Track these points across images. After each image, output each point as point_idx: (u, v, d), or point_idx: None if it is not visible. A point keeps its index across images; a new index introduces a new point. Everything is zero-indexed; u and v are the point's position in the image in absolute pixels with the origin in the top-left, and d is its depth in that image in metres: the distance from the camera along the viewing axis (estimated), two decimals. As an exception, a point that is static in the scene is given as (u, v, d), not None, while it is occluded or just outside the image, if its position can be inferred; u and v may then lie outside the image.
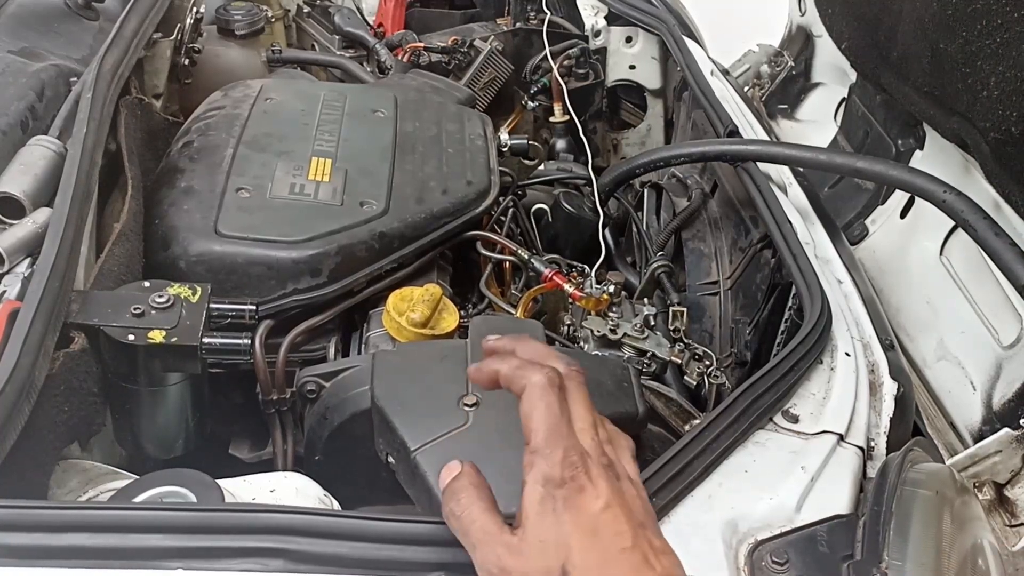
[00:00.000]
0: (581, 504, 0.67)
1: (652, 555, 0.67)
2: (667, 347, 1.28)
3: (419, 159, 1.42)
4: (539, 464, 0.69)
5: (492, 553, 0.68)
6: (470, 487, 0.73)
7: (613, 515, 0.68)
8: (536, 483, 0.69)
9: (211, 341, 1.09)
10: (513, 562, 0.67)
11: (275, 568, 0.75)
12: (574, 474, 0.68)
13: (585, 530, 0.66)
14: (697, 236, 1.61)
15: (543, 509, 0.68)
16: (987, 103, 1.31)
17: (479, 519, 0.70)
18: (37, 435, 0.90)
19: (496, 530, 0.69)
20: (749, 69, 2.29)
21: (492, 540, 0.69)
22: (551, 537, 0.67)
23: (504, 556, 0.68)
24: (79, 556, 0.74)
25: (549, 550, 0.66)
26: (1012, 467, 1.14)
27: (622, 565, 0.66)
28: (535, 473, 0.69)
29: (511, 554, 0.67)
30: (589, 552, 0.66)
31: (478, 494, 0.72)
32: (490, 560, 0.68)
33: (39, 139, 1.17)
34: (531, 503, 0.68)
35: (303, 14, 2.22)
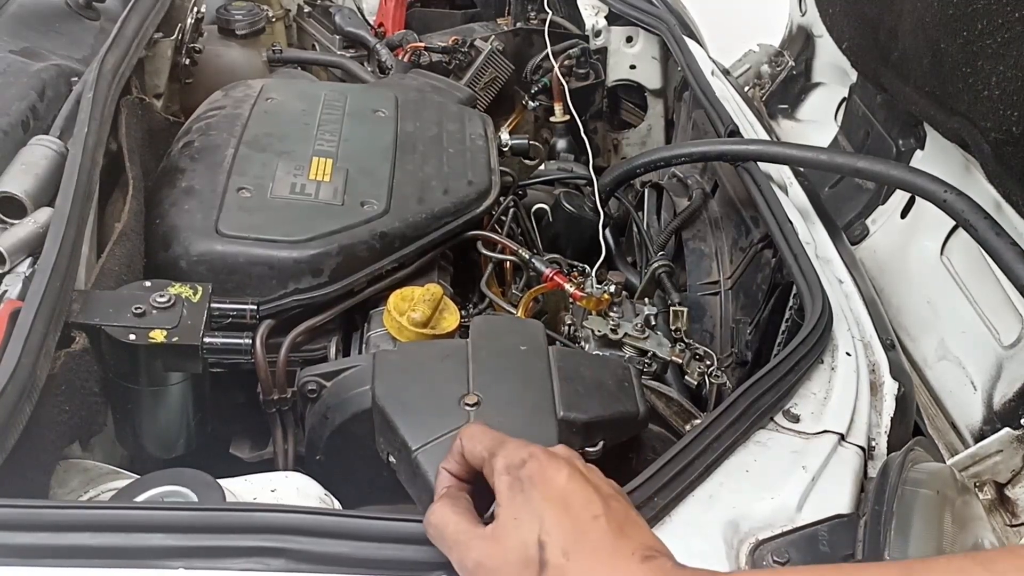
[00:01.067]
0: (546, 478, 0.69)
1: (629, 525, 0.68)
2: (668, 347, 1.28)
3: (420, 159, 1.42)
4: (497, 461, 0.72)
5: (468, 548, 0.69)
6: (444, 498, 0.74)
7: (579, 484, 0.69)
8: (501, 475, 0.71)
9: (212, 341, 1.09)
10: (489, 551, 0.68)
11: (276, 567, 0.75)
12: (532, 452, 0.71)
13: (555, 501, 0.68)
14: (698, 236, 1.61)
15: (512, 492, 0.69)
16: (988, 103, 1.31)
17: (451, 521, 0.71)
18: (38, 435, 0.90)
19: (469, 527, 0.70)
20: (749, 69, 2.29)
21: (466, 536, 0.70)
22: (523, 513, 0.67)
23: (479, 548, 0.68)
24: (80, 555, 0.74)
25: (523, 525, 0.67)
26: (1013, 467, 1.14)
27: (595, 531, 0.66)
28: (497, 468, 0.71)
29: (486, 544, 0.68)
30: (562, 520, 0.66)
31: (451, 502, 0.73)
32: (468, 557, 0.69)
33: (40, 139, 1.17)
34: (501, 492, 0.70)
35: (304, 14, 2.22)
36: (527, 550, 0.66)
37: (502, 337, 1.10)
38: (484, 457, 0.73)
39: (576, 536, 0.66)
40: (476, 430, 0.76)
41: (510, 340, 1.09)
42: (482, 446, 0.74)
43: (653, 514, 0.84)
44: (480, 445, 0.74)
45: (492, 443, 0.74)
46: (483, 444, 0.74)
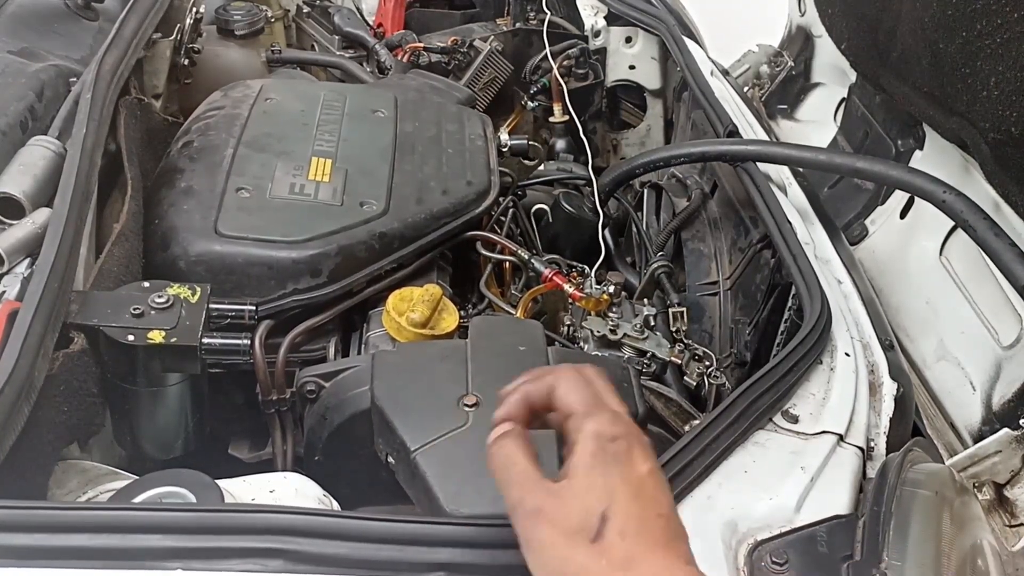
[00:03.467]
0: (630, 462, 0.69)
1: (684, 534, 0.69)
2: (667, 347, 1.28)
3: (419, 159, 1.42)
4: (589, 424, 0.70)
5: (532, 493, 0.68)
6: (515, 435, 0.73)
7: (656, 481, 0.69)
8: (588, 438, 0.69)
9: (210, 341, 1.09)
10: (550, 503, 0.67)
11: (274, 568, 0.75)
12: (627, 431, 0.70)
13: (630, 485, 0.68)
14: (697, 236, 1.61)
15: (595, 460, 0.68)
16: (987, 103, 1.31)
17: (521, 461, 0.70)
18: (36, 435, 0.90)
19: (537, 474, 0.70)
20: (749, 69, 2.29)
21: (533, 483, 0.69)
22: (598, 483, 0.67)
23: (542, 497, 0.68)
24: (78, 557, 0.74)
25: (594, 494, 0.67)
26: (1012, 467, 1.14)
27: (656, 529, 0.67)
28: (587, 430, 0.70)
29: (551, 497, 0.68)
30: (632, 504, 0.67)
31: (522, 442, 0.72)
32: (527, 500, 0.68)
33: (39, 139, 1.17)
34: (582, 455, 0.69)
35: (303, 14, 2.22)
36: (589, 517, 0.66)
37: (501, 337, 1.10)
38: (576, 411, 0.72)
39: (639, 523, 0.66)
40: (575, 380, 0.74)
41: (509, 340, 1.09)
42: (578, 399, 0.72)
43: (652, 515, 0.84)
44: (576, 397, 0.72)
45: (590, 401, 0.72)
46: (580, 398, 0.72)
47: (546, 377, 0.75)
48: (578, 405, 0.72)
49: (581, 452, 0.69)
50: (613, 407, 0.73)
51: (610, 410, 0.72)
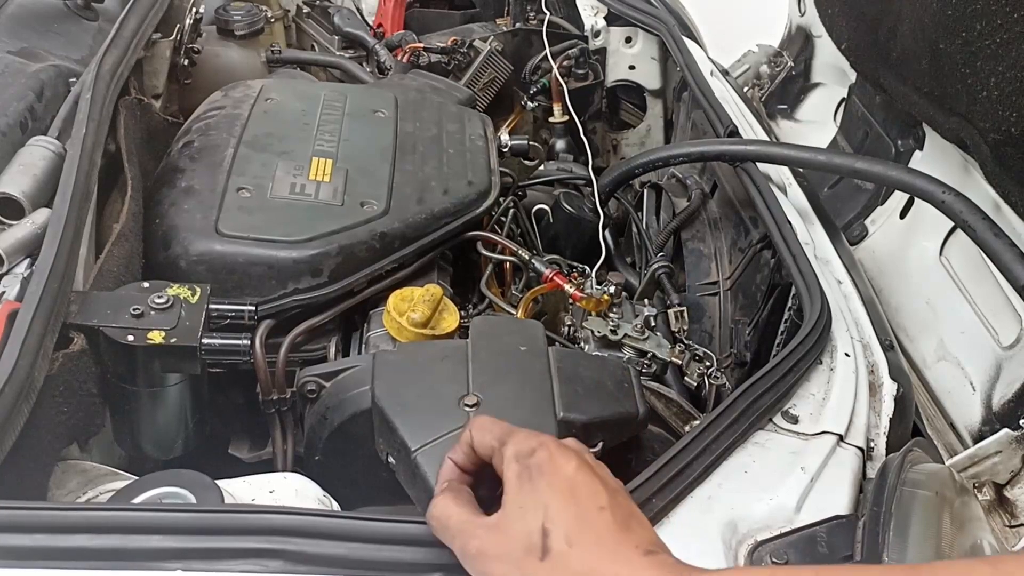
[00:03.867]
0: (555, 467, 0.69)
1: (633, 520, 0.68)
2: (667, 348, 1.28)
3: (419, 159, 1.42)
4: (507, 449, 0.71)
5: (471, 536, 0.69)
6: (446, 491, 0.74)
7: (587, 476, 0.69)
8: (510, 463, 0.70)
9: (210, 342, 1.09)
10: (492, 539, 0.68)
11: (274, 569, 0.75)
12: (542, 441, 0.71)
13: (561, 490, 0.68)
14: (697, 236, 1.61)
15: (520, 481, 0.69)
16: (987, 103, 1.31)
17: (453, 513, 0.71)
18: (36, 436, 0.90)
19: (472, 517, 0.70)
20: (749, 69, 2.29)
21: (469, 526, 0.70)
22: (529, 501, 0.67)
23: (483, 537, 0.68)
24: (78, 557, 0.74)
25: (528, 513, 0.67)
26: (1012, 468, 1.13)
27: (601, 524, 0.66)
28: (507, 456, 0.71)
29: (490, 533, 0.68)
30: (567, 509, 0.66)
31: (453, 495, 0.73)
32: (469, 544, 0.69)
33: (38, 140, 1.17)
34: (509, 480, 0.70)
35: (303, 14, 2.22)
36: (530, 537, 0.66)
37: (502, 338, 1.10)
38: (494, 447, 0.73)
39: (581, 525, 0.66)
40: (485, 421, 0.76)
41: (510, 341, 1.09)
42: (491, 436, 0.74)
43: (652, 515, 0.84)
44: (490, 435, 0.74)
45: (502, 433, 0.74)
46: (493, 434, 0.74)
47: (462, 436, 0.76)
48: (492, 440, 0.73)
49: (508, 477, 0.70)
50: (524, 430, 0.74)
51: (521, 430, 0.73)
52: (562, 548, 0.65)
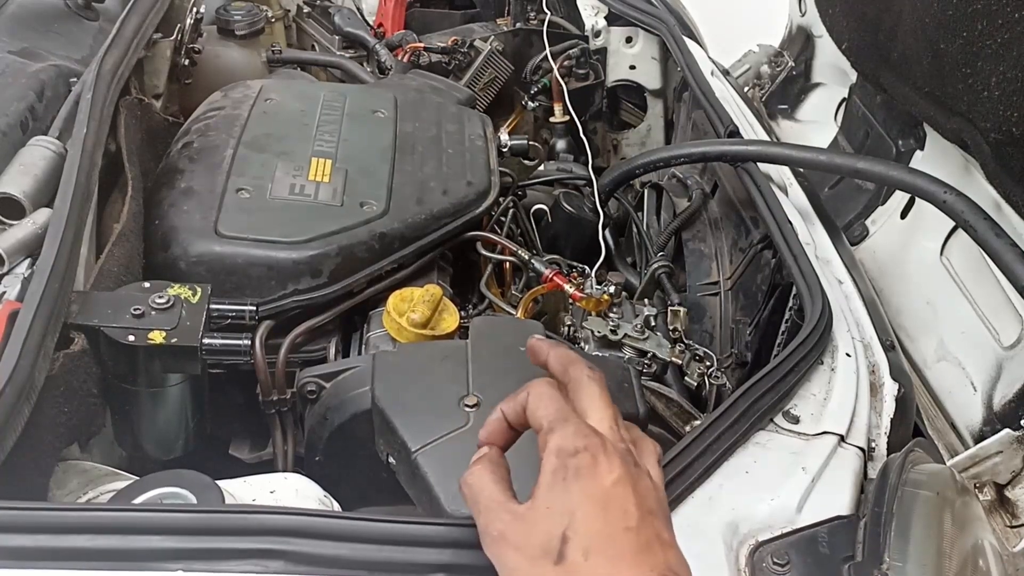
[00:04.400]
0: (593, 475, 0.67)
1: (657, 544, 0.66)
2: (667, 348, 1.28)
3: (419, 159, 1.42)
4: (552, 439, 0.69)
5: (496, 518, 0.68)
6: (487, 461, 0.73)
7: (623, 492, 0.67)
8: (550, 455, 0.68)
9: (211, 342, 1.09)
10: (514, 528, 0.67)
11: (275, 570, 0.75)
12: (588, 444, 0.68)
13: (593, 500, 0.66)
14: (697, 236, 1.61)
15: (554, 479, 0.67)
16: (988, 103, 1.31)
17: (488, 488, 0.70)
18: (37, 436, 0.90)
19: (503, 499, 0.69)
20: (749, 69, 2.29)
21: (498, 507, 0.69)
22: (557, 504, 0.66)
23: (507, 522, 0.67)
24: (79, 558, 0.74)
25: (553, 516, 0.66)
26: (1013, 468, 1.13)
27: (624, 543, 0.65)
28: (549, 447, 0.69)
29: (514, 520, 0.67)
30: (592, 522, 0.65)
31: (492, 468, 0.72)
32: (493, 525, 0.68)
33: (39, 140, 1.17)
34: (544, 474, 0.68)
35: (303, 14, 2.22)
36: (550, 540, 0.65)
37: (502, 338, 1.10)
38: (542, 427, 0.70)
39: (602, 541, 0.65)
40: (545, 393, 0.72)
41: (510, 341, 1.09)
42: (545, 414, 0.71)
43: (653, 515, 0.84)
44: (543, 412, 0.71)
45: (556, 416, 0.70)
46: (547, 412, 0.71)
47: (520, 393, 0.74)
48: (544, 420, 0.70)
49: (543, 470, 0.68)
50: (582, 418, 0.71)
51: (575, 422, 0.70)
52: (577, 559, 0.64)
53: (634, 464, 0.69)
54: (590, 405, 0.73)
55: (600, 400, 0.73)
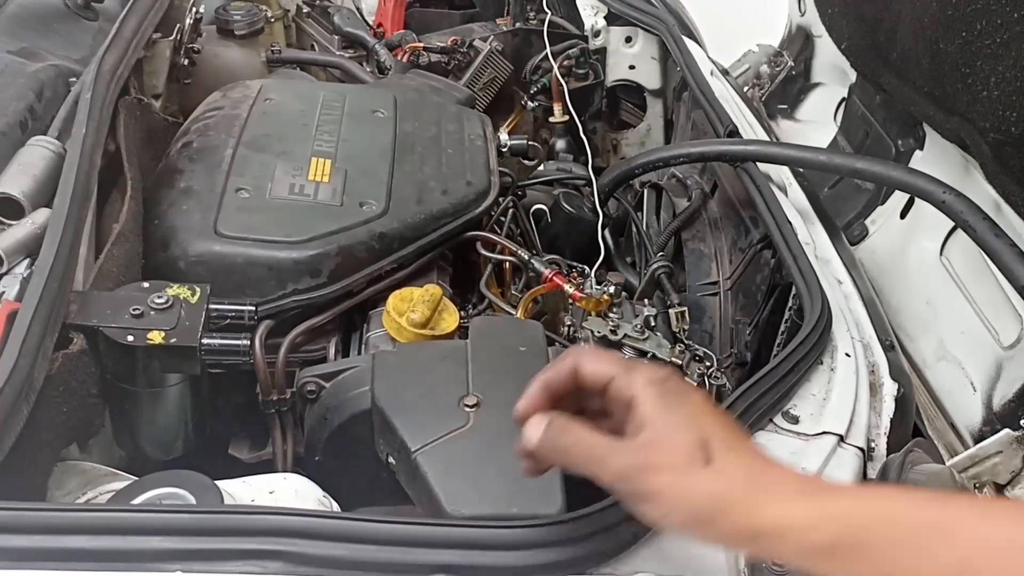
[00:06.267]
0: (689, 391, 0.72)
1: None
2: (667, 348, 1.28)
3: (419, 159, 1.42)
4: (637, 376, 0.71)
5: (626, 458, 0.69)
6: (563, 419, 0.73)
7: (714, 408, 0.73)
8: (647, 387, 0.71)
9: (210, 342, 1.09)
10: (650, 454, 0.68)
11: (274, 570, 0.75)
12: (667, 372, 0.73)
13: (705, 409, 0.71)
14: (697, 236, 1.61)
15: (663, 402, 0.70)
16: (987, 103, 1.31)
17: (594, 439, 0.71)
18: (36, 436, 0.90)
19: (615, 442, 0.71)
20: (749, 69, 2.28)
21: (619, 449, 0.70)
22: (679, 419, 0.69)
23: (640, 455, 0.68)
24: (78, 558, 0.74)
25: (681, 429, 0.68)
26: (1012, 468, 1.13)
27: (745, 438, 0.72)
28: (639, 382, 0.71)
29: (646, 451, 0.68)
30: (717, 425, 0.69)
31: (574, 422, 0.73)
32: (627, 464, 0.68)
33: (38, 139, 1.17)
34: (649, 401, 0.70)
35: (302, 14, 2.22)
36: (690, 448, 0.67)
37: (501, 338, 1.10)
38: (614, 374, 0.72)
39: (733, 437, 0.69)
40: (595, 353, 0.76)
41: (509, 341, 1.09)
42: (609, 364, 0.73)
43: (652, 516, 0.84)
44: (606, 364, 0.73)
45: (618, 362, 0.74)
46: (608, 363, 0.73)
47: (562, 362, 0.75)
48: (609, 368, 0.73)
49: (645, 401, 0.70)
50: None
51: (639, 361, 0.73)
52: (725, 454, 0.67)
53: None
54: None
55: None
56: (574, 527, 0.80)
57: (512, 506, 0.87)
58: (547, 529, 0.80)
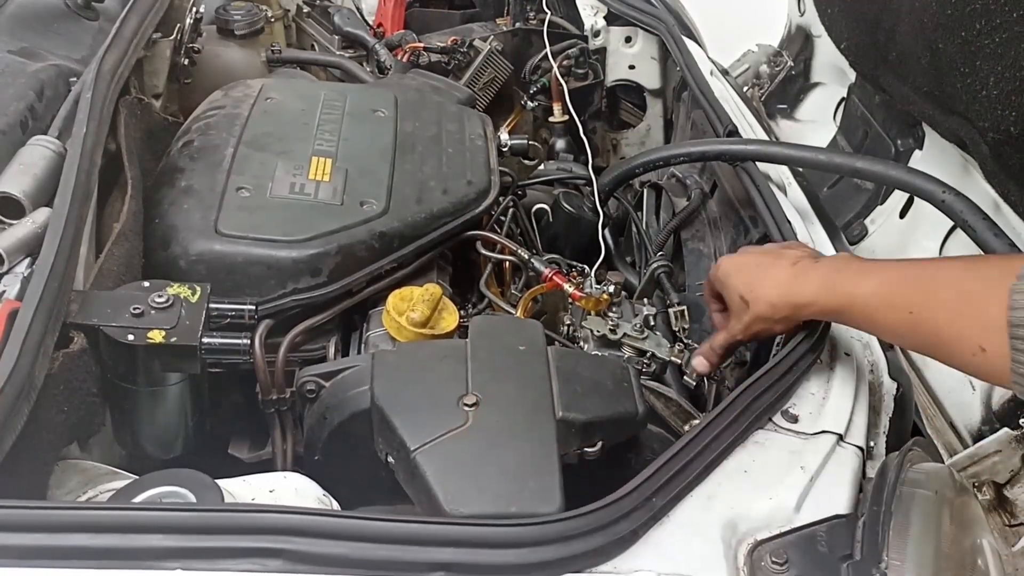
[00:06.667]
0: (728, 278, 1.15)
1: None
2: (667, 347, 1.28)
3: (419, 159, 1.42)
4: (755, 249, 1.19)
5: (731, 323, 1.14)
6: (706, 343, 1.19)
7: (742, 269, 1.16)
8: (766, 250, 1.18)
9: (210, 341, 1.09)
10: (768, 259, 1.11)
11: (274, 568, 0.75)
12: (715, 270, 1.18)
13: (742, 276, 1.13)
14: (696, 236, 1.61)
15: (770, 255, 1.14)
16: (986, 103, 1.31)
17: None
18: (36, 435, 0.90)
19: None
20: (748, 69, 2.29)
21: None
22: (787, 253, 1.12)
23: (765, 261, 1.11)
24: (78, 556, 0.74)
25: (788, 256, 1.11)
26: (1011, 467, 1.14)
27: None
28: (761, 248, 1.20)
29: (766, 254, 1.14)
30: (804, 252, 1.13)
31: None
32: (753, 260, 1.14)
33: (39, 139, 1.17)
34: (767, 251, 1.16)
35: (303, 14, 2.22)
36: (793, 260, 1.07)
37: (501, 337, 1.10)
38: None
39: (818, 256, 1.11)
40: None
41: (509, 340, 1.09)
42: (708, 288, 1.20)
43: (652, 514, 0.84)
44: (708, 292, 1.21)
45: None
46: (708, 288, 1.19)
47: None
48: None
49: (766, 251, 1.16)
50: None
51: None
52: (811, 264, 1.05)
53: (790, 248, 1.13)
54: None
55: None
56: (573, 525, 0.80)
57: (511, 505, 0.87)
58: (546, 527, 0.80)
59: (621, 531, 0.81)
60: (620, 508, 0.82)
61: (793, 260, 1.06)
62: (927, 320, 0.90)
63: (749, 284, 1.07)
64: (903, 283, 0.95)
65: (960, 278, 0.89)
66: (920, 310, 0.90)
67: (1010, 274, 0.81)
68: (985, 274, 0.86)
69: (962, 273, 0.89)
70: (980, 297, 0.84)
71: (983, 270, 0.88)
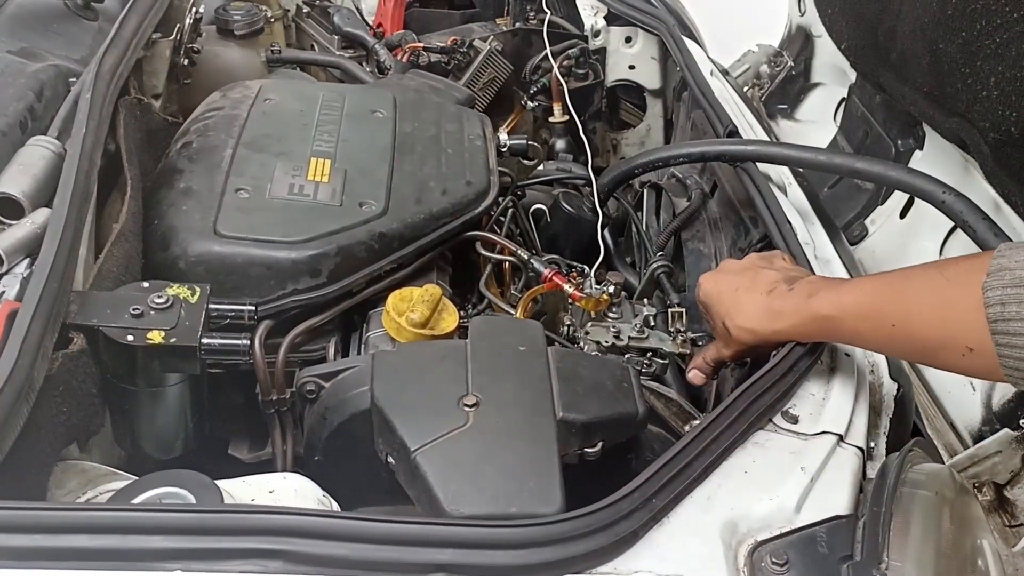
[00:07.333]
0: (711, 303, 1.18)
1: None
2: (670, 340, 1.28)
3: (418, 159, 1.42)
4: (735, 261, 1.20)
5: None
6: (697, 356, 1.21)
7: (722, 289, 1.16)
8: (747, 259, 1.18)
9: (210, 342, 1.09)
10: (750, 277, 1.12)
11: (274, 569, 0.75)
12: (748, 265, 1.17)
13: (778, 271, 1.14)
14: (697, 236, 1.61)
15: (748, 271, 1.14)
16: (987, 103, 1.31)
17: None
18: (36, 436, 0.90)
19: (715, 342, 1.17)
20: (749, 69, 2.29)
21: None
22: (761, 276, 1.12)
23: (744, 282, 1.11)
24: (78, 558, 0.74)
25: (763, 279, 1.10)
26: (1012, 468, 1.14)
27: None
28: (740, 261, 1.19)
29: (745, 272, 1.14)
30: (732, 306, 1.13)
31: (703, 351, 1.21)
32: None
33: (38, 139, 1.17)
34: (747, 266, 1.16)
35: (302, 14, 2.22)
36: (769, 284, 1.07)
37: (501, 338, 1.10)
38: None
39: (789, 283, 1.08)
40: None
41: (509, 341, 1.09)
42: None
43: (652, 515, 0.84)
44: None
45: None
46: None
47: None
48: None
49: (744, 263, 1.17)
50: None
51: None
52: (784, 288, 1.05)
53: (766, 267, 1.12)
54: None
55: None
56: (573, 526, 0.80)
57: (511, 505, 0.87)
58: (546, 528, 0.80)
59: (621, 532, 0.81)
60: (620, 509, 0.82)
61: (768, 287, 1.06)
62: (910, 332, 0.92)
63: (728, 313, 1.09)
64: (879, 298, 0.96)
65: (933, 286, 0.90)
66: (901, 323, 0.92)
67: (980, 272, 0.84)
68: (957, 278, 0.88)
69: (934, 280, 0.90)
70: (957, 301, 0.86)
71: (954, 274, 0.89)
